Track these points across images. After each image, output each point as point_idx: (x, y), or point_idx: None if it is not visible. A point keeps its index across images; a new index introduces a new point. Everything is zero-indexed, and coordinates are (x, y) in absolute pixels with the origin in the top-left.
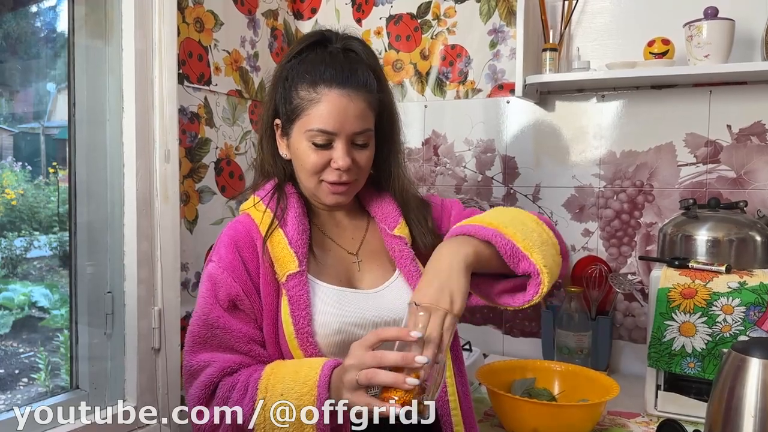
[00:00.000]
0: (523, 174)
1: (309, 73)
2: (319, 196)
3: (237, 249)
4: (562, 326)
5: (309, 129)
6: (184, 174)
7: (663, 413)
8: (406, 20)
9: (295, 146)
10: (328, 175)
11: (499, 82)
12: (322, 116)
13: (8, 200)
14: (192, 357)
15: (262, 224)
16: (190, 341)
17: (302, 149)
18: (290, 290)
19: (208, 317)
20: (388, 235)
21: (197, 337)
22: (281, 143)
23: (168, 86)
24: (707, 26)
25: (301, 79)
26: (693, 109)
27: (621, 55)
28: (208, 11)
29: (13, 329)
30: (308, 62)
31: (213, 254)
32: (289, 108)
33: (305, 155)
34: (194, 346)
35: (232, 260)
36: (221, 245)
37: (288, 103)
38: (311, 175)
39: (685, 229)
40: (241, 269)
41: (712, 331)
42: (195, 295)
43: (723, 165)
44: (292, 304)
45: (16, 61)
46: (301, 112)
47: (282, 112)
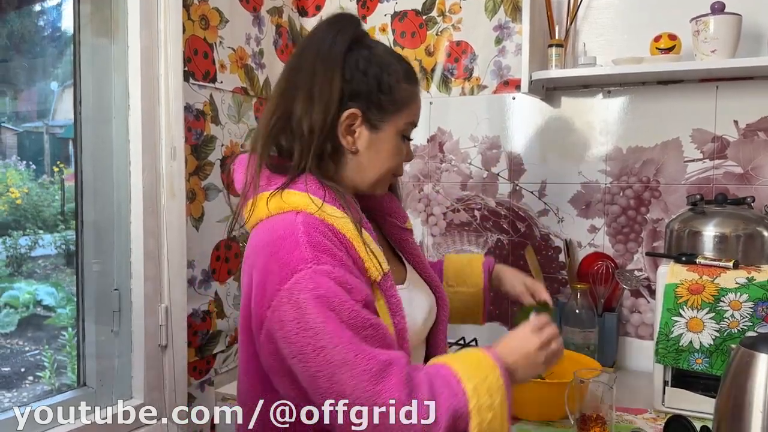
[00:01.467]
0: (529, 170)
1: (401, 65)
2: (378, 186)
3: (334, 245)
4: (569, 323)
5: (410, 122)
6: (190, 171)
7: (670, 409)
8: (411, 17)
9: (383, 139)
10: (398, 168)
11: (505, 78)
12: (418, 111)
13: (13, 199)
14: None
15: (346, 224)
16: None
17: (394, 144)
18: (387, 291)
19: (354, 320)
20: (400, 229)
21: (356, 341)
22: (350, 136)
23: (174, 84)
24: (714, 21)
25: (397, 72)
26: (700, 104)
27: (627, 51)
28: (213, 8)
29: (18, 328)
30: (387, 54)
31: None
32: (388, 100)
33: (397, 148)
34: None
35: (343, 259)
36: (318, 246)
37: (385, 93)
38: (389, 167)
39: (693, 225)
40: (354, 267)
41: (719, 326)
42: (201, 292)
43: (730, 161)
44: (391, 305)
45: (20, 60)
46: (404, 106)
47: (370, 101)
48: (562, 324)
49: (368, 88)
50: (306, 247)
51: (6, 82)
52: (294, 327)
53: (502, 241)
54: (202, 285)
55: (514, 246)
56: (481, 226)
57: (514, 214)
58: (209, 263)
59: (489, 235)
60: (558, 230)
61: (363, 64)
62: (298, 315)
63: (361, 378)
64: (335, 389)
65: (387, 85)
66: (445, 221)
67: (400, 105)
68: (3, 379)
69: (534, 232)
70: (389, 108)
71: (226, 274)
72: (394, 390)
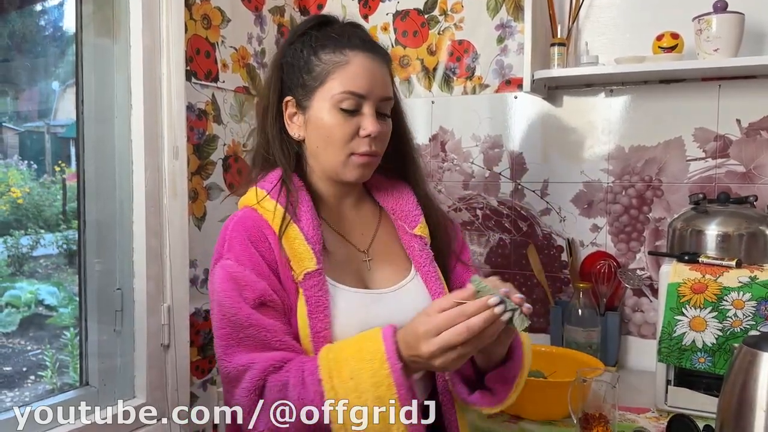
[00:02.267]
0: (531, 170)
1: (331, 40)
2: (344, 172)
3: (252, 244)
4: (571, 322)
5: (339, 92)
6: (192, 171)
7: (673, 408)
8: (413, 16)
9: (316, 118)
10: (358, 145)
11: (507, 77)
12: (351, 78)
13: (14, 199)
14: (228, 361)
15: (274, 219)
16: (223, 345)
17: (328, 119)
18: (307, 290)
19: (236, 317)
20: (406, 234)
21: (229, 340)
22: (293, 123)
23: (176, 83)
24: (716, 20)
25: (322, 46)
26: (702, 103)
27: (629, 50)
28: (215, 8)
29: (20, 327)
30: (326, 33)
31: (225, 252)
32: (309, 77)
33: (332, 125)
34: (228, 350)
35: (251, 256)
36: (233, 241)
37: (306, 72)
38: (340, 147)
39: (695, 224)
40: (263, 265)
41: (722, 325)
42: (204, 291)
43: (732, 160)
44: (310, 305)
45: (22, 60)
46: (326, 77)
47: (297, 84)
48: (565, 323)
49: (294, 72)
50: (223, 243)
51: (7, 81)
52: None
53: (504, 240)
54: (205, 284)
55: (516, 245)
56: (483, 225)
57: (516, 213)
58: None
59: (491, 234)
60: (560, 229)
61: (294, 54)
62: (211, 298)
63: (223, 379)
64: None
65: (308, 63)
66: None
67: (322, 77)
68: (5, 379)
69: (536, 231)
70: (312, 84)
71: None
72: (242, 397)
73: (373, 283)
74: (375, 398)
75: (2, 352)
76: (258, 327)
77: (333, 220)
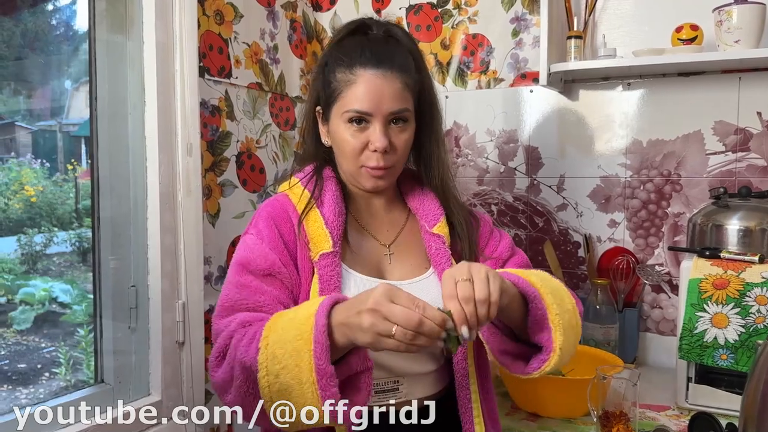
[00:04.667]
0: (547, 164)
1: (346, 56)
2: (359, 180)
3: (275, 223)
4: (589, 318)
5: (346, 110)
6: (206, 167)
7: (694, 406)
8: (427, 10)
9: (334, 131)
10: (367, 159)
11: (522, 71)
12: (357, 97)
13: (27, 197)
14: (218, 321)
15: (299, 203)
16: (218, 307)
17: (341, 133)
18: (321, 269)
19: (239, 281)
20: (426, 233)
21: (225, 302)
22: (322, 130)
23: (189, 79)
24: (737, 11)
25: (338, 63)
26: (722, 96)
27: (648, 42)
28: (227, 3)
29: (34, 324)
30: (346, 46)
31: (250, 227)
32: (328, 92)
33: (344, 139)
34: (221, 312)
35: (269, 233)
36: (259, 219)
37: (326, 87)
38: (352, 160)
39: (716, 219)
40: (279, 242)
41: (745, 322)
42: (218, 288)
43: (753, 153)
44: (322, 284)
45: (34, 58)
46: (338, 95)
47: (322, 98)
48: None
49: (320, 83)
50: (255, 218)
51: (20, 80)
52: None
53: (520, 236)
54: (219, 281)
55: (532, 241)
56: (498, 221)
57: (531, 208)
58: (226, 259)
59: (506, 230)
60: (577, 225)
61: (325, 60)
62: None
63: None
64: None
65: (327, 78)
66: None
67: (336, 94)
68: (19, 376)
69: (552, 227)
70: (330, 99)
71: None
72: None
73: (390, 275)
74: (293, 349)
75: (17, 349)
76: (254, 290)
77: (360, 216)
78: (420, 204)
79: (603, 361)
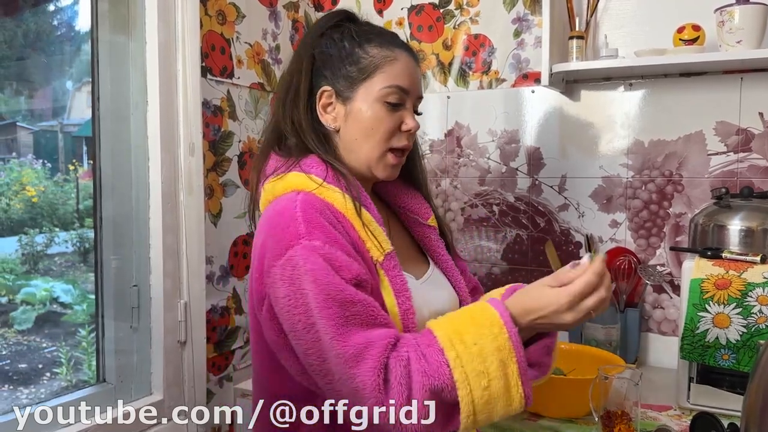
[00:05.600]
0: (549, 165)
1: (376, 35)
2: (377, 167)
3: (331, 226)
4: (590, 319)
5: (386, 86)
6: (208, 167)
7: (695, 406)
8: (428, 10)
9: (359, 110)
10: (398, 140)
11: (524, 71)
12: (399, 74)
13: (29, 197)
14: (343, 341)
15: (346, 203)
16: (332, 326)
17: (373, 112)
18: (389, 271)
19: (341, 295)
20: (422, 225)
21: (338, 319)
22: (326, 114)
23: (192, 79)
24: (739, 11)
25: (368, 40)
26: (723, 96)
27: (649, 43)
28: (230, 3)
29: (35, 325)
30: (369, 28)
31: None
32: (354, 69)
33: (377, 118)
34: (339, 329)
35: (336, 237)
36: (313, 223)
37: (350, 63)
38: (381, 141)
39: (718, 219)
40: (349, 246)
41: (747, 322)
42: (219, 288)
43: (755, 153)
44: (395, 285)
45: (36, 59)
46: (375, 70)
47: (338, 75)
48: None
49: (335, 63)
50: (300, 223)
51: (22, 80)
52: (287, 303)
53: (522, 236)
54: (221, 281)
55: (533, 241)
56: (499, 221)
57: (533, 209)
58: (227, 259)
59: (508, 230)
60: (578, 225)
61: (331, 45)
62: (290, 291)
63: (338, 361)
64: (324, 367)
65: (352, 55)
66: (463, 217)
67: (369, 70)
68: (20, 376)
69: (554, 227)
70: (357, 76)
71: (244, 269)
72: (367, 375)
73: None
74: (499, 362)
75: (18, 349)
76: (364, 304)
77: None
78: (410, 200)
79: (605, 361)
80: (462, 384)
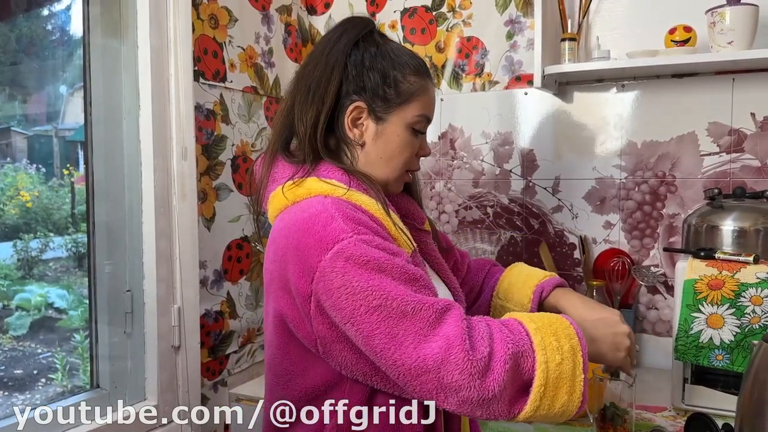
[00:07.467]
0: (542, 166)
1: (412, 60)
2: (395, 184)
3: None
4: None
5: (419, 114)
6: (201, 171)
7: (690, 407)
8: (421, 13)
9: (391, 133)
10: (414, 163)
11: (517, 73)
12: (429, 104)
13: (23, 202)
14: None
15: (376, 204)
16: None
17: (403, 137)
18: (417, 266)
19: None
20: (418, 230)
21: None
22: (355, 128)
23: (184, 83)
24: (730, 12)
25: (405, 66)
26: (715, 97)
27: (641, 44)
28: (222, 7)
29: (30, 330)
30: (397, 50)
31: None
32: (393, 92)
33: (406, 143)
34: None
35: (378, 231)
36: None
37: (389, 86)
38: (403, 164)
39: (711, 220)
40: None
41: (740, 322)
42: (213, 292)
43: (747, 154)
44: None
45: (29, 63)
46: (411, 98)
47: (375, 94)
48: None
49: (373, 81)
50: (343, 221)
51: (16, 85)
52: (342, 293)
53: (516, 238)
54: (215, 285)
55: (527, 243)
56: (494, 223)
57: (527, 210)
58: (221, 263)
59: (502, 232)
60: (572, 226)
61: (368, 58)
62: (344, 281)
63: (421, 326)
64: (394, 344)
65: (392, 78)
66: (457, 219)
67: (406, 97)
68: (15, 382)
69: (548, 228)
70: (395, 100)
71: (238, 274)
72: (452, 327)
73: None
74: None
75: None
76: (426, 279)
77: None
78: (408, 206)
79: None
80: (540, 351)
